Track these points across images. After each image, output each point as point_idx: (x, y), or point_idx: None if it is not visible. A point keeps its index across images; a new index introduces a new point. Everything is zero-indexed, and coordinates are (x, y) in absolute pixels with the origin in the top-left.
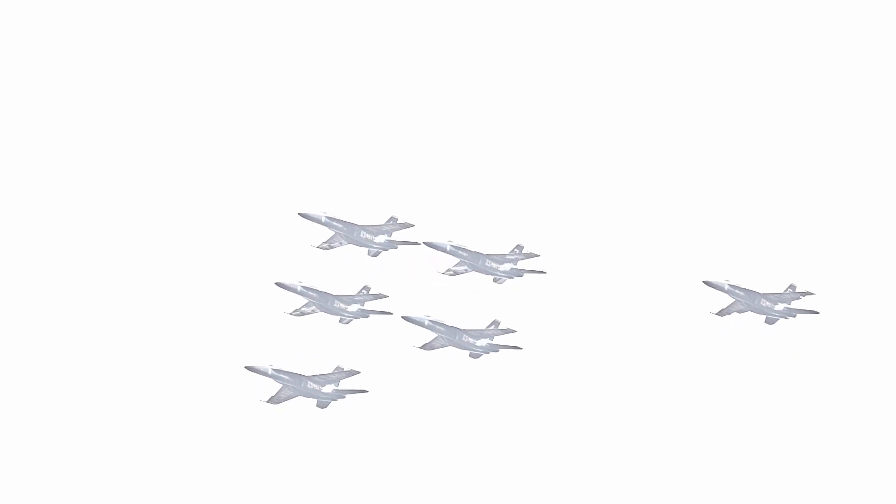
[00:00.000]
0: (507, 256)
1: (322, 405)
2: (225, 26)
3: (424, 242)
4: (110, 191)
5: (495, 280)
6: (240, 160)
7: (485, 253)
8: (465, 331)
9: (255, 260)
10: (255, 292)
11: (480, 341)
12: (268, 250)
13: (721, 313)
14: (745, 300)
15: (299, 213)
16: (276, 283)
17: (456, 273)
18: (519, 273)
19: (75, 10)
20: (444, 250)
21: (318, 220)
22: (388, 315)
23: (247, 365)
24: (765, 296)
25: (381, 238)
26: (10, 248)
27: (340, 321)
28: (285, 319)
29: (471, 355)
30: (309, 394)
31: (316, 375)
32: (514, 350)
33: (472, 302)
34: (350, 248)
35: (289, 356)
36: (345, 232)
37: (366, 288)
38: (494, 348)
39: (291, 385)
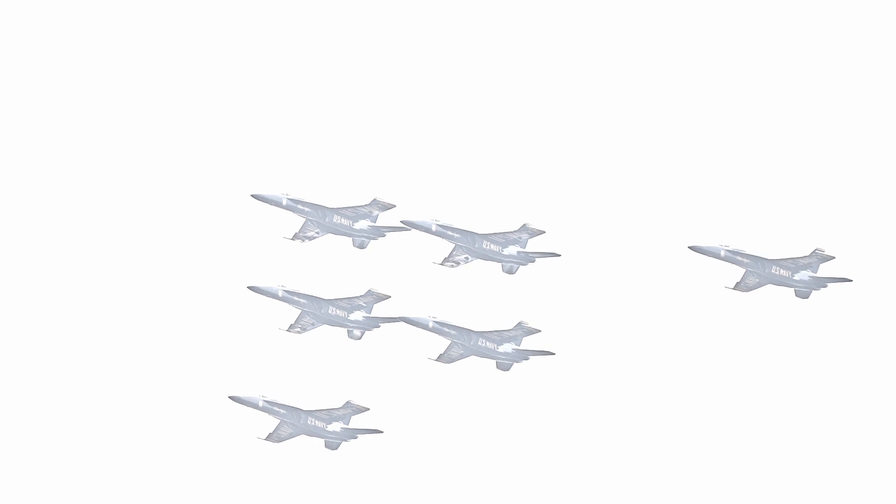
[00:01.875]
0: (508, 235)
1: (332, 446)
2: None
3: (402, 221)
4: (60, 176)
5: (506, 270)
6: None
7: (479, 233)
8: (480, 333)
9: (215, 258)
10: (227, 299)
11: (503, 347)
12: (227, 244)
13: (739, 287)
14: (754, 269)
15: (252, 196)
16: (248, 287)
17: (457, 264)
18: (530, 258)
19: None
20: (428, 231)
21: (276, 203)
22: (398, 322)
23: (232, 395)
24: (777, 262)
25: (363, 224)
26: None
27: (350, 335)
28: (277, 336)
29: (498, 366)
30: (312, 432)
31: (319, 410)
32: (546, 356)
33: (481, 296)
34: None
35: (287, 378)
36: (314, 217)
37: (370, 293)
38: (524, 355)
39: (289, 421)
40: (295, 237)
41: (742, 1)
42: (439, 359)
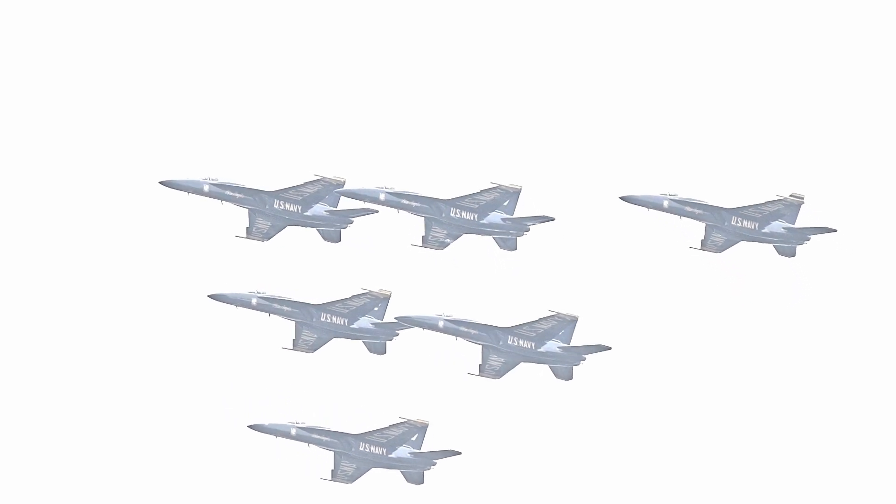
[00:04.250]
0: (478, 197)
1: (415, 479)
2: None
3: (340, 192)
4: None
5: (500, 244)
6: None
7: (444, 199)
8: (510, 330)
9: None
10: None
11: (547, 346)
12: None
13: (707, 247)
14: (711, 221)
15: (161, 182)
16: (209, 296)
17: (443, 245)
18: (522, 226)
19: None
20: (375, 201)
21: (196, 191)
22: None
23: (253, 424)
24: (738, 211)
25: (318, 209)
26: None
27: (372, 350)
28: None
29: (557, 375)
30: (382, 463)
31: (371, 433)
32: (603, 351)
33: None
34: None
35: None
36: (250, 204)
37: (369, 295)
38: (579, 355)
39: (341, 450)
40: (250, 235)
41: None
42: (482, 373)
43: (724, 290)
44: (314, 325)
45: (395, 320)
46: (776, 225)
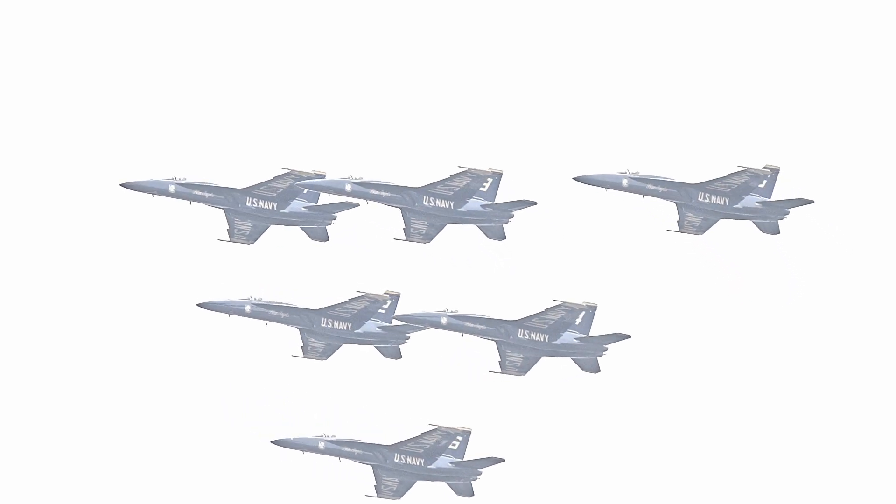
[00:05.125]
0: (450, 183)
1: (465, 491)
2: None
3: (301, 185)
4: None
5: (486, 234)
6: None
7: (416, 187)
8: (519, 323)
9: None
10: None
11: (563, 339)
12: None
13: (686, 229)
14: (678, 199)
15: (122, 185)
16: (198, 305)
17: (428, 237)
18: (504, 212)
19: None
20: (341, 192)
21: (161, 192)
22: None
23: (276, 439)
24: (704, 186)
25: (296, 206)
26: None
27: (385, 354)
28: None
29: (584, 367)
30: (425, 475)
31: (404, 442)
32: (622, 340)
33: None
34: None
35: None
36: (222, 204)
37: (367, 297)
38: (598, 345)
39: (379, 464)
40: (233, 238)
41: None
42: (504, 370)
43: (712, 273)
44: (317, 331)
45: (395, 320)
46: (750, 200)
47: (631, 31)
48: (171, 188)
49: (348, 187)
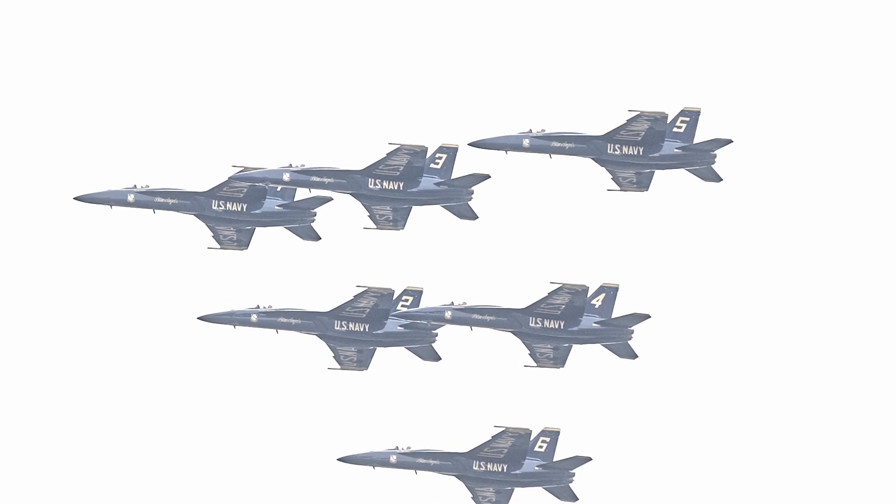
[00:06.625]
0: (390, 162)
1: (565, 496)
2: None
3: (236, 177)
4: None
5: (454, 212)
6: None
7: (356, 170)
8: (528, 311)
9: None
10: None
11: (582, 326)
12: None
13: (626, 187)
14: (589, 154)
15: (76, 199)
16: (199, 318)
17: (394, 222)
18: (464, 186)
19: None
20: (279, 182)
21: (119, 202)
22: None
23: (343, 457)
24: (611, 137)
25: (269, 205)
26: None
27: (422, 356)
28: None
29: (619, 354)
30: (502, 481)
31: (478, 448)
32: (643, 320)
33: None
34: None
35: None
36: (187, 209)
37: (372, 293)
38: (624, 328)
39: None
40: (223, 245)
41: None
42: (539, 363)
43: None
44: (333, 335)
45: (393, 318)
46: (670, 147)
47: None
48: (130, 197)
49: (286, 177)
